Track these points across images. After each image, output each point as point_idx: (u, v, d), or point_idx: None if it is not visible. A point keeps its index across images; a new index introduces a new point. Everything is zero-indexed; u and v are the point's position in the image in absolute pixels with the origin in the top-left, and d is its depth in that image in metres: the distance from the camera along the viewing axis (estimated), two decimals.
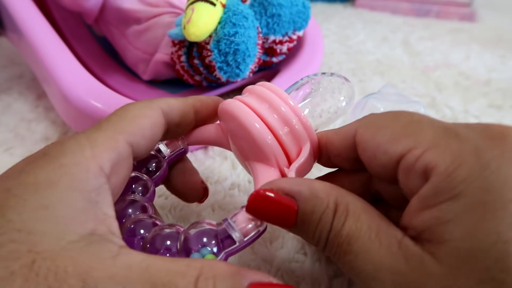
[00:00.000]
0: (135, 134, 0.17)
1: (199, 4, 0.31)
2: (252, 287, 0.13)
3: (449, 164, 0.14)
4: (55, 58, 0.33)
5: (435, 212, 0.14)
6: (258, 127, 0.18)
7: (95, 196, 0.15)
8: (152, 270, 0.13)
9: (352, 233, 0.15)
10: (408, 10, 0.75)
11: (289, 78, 0.39)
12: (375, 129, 0.17)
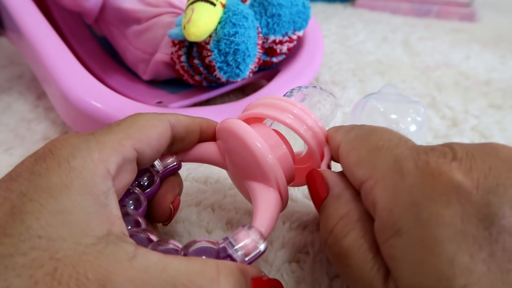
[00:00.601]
0: (142, 141, 0.18)
1: (199, 4, 0.30)
2: (255, 282, 0.15)
3: (388, 200, 0.14)
4: (55, 58, 0.33)
5: (386, 248, 0.14)
6: (260, 146, 0.18)
7: (104, 199, 0.15)
8: (171, 271, 0.13)
9: (352, 246, 0.16)
10: (408, 10, 0.75)
11: (289, 78, 0.39)
12: (349, 148, 0.18)
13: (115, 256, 0.13)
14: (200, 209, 0.26)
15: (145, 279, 0.13)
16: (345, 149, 0.18)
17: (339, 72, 0.49)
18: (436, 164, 0.14)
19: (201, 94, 0.38)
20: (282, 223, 0.25)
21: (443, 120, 0.39)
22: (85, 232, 0.14)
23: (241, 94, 0.42)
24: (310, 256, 0.23)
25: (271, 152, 0.19)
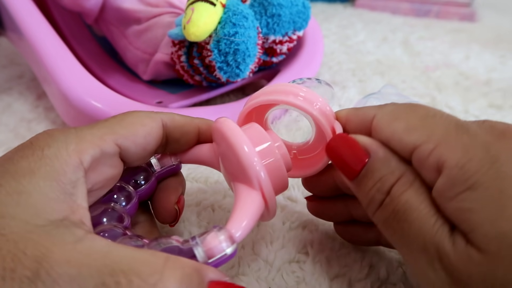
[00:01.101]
0: (127, 138, 0.18)
1: (199, 4, 0.31)
2: (212, 285, 0.14)
3: (460, 158, 0.14)
4: (55, 58, 0.33)
5: (455, 203, 0.14)
6: (247, 150, 0.18)
7: (70, 188, 0.15)
8: (114, 257, 0.13)
9: (412, 202, 0.16)
10: (408, 10, 0.75)
11: (289, 78, 0.39)
12: (392, 117, 0.17)
13: (60, 238, 0.13)
14: (200, 209, 0.26)
15: (83, 262, 0.13)
16: (385, 119, 0.18)
17: (339, 72, 0.49)
18: (504, 125, 0.15)
19: (201, 94, 0.38)
20: (282, 223, 0.25)
21: None
22: (38, 214, 0.14)
23: (241, 94, 0.42)
24: (310, 256, 0.23)
25: (258, 155, 0.18)
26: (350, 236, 0.23)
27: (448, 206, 0.15)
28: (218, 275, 0.14)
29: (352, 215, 0.22)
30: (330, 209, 0.22)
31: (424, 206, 0.15)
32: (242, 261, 0.23)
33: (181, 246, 0.16)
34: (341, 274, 0.22)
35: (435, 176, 0.15)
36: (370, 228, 0.22)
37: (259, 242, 0.24)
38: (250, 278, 0.22)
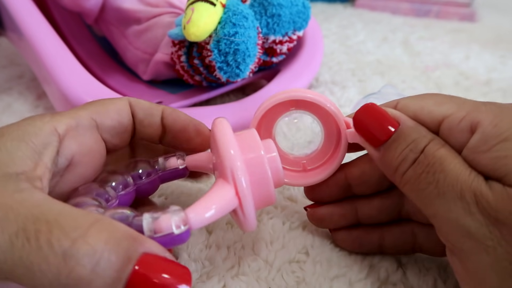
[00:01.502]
0: (100, 112, 0.19)
1: (199, 4, 0.31)
2: (145, 257, 0.13)
3: (492, 119, 0.16)
4: (55, 58, 0.33)
5: (490, 154, 0.16)
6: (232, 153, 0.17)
7: (41, 148, 0.16)
8: (44, 209, 0.13)
9: (446, 156, 0.17)
10: (408, 10, 0.75)
11: (289, 78, 0.39)
12: (418, 98, 0.19)
13: (3, 187, 0.14)
14: None
15: (13, 207, 0.13)
16: (411, 100, 0.19)
17: (339, 72, 0.49)
18: None
19: (201, 94, 0.38)
20: (282, 223, 0.25)
21: None
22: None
23: (241, 94, 0.42)
24: (310, 256, 0.23)
25: (240, 155, 0.17)
26: (352, 242, 0.23)
27: (482, 158, 0.16)
28: (159, 250, 0.14)
29: (358, 216, 0.22)
30: (335, 213, 0.22)
31: (458, 160, 0.17)
32: (242, 261, 0.23)
33: (133, 217, 0.16)
34: (341, 274, 0.22)
35: (467, 138, 0.17)
36: (373, 230, 0.22)
37: (259, 242, 0.24)
38: (250, 278, 0.22)
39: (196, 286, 0.21)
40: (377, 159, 0.19)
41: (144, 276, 0.13)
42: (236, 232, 0.25)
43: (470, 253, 0.15)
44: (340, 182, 0.22)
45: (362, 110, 0.19)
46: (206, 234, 0.24)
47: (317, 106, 0.22)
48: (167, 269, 0.13)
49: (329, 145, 0.23)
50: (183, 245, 0.23)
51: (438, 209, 0.16)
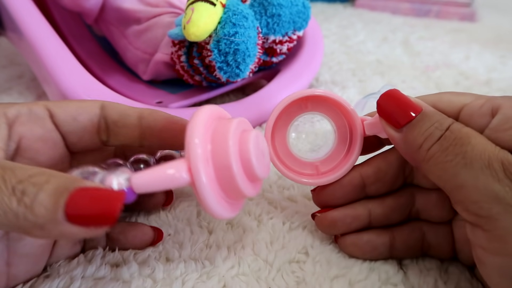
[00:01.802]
0: (57, 105, 0.20)
1: (199, 4, 0.31)
2: (77, 191, 0.15)
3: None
4: (55, 58, 0.33)
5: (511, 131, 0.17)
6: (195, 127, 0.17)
7: None
8: (1, 161, 0.15)
9: (471, 133, 0.18)
10: (408, 10, 0.75)
11: (289, 78, 0.39)
12: (435, 95, 0.20)
13: None
14: (200, 209, 0.26)
15: None
16: (429, 96, 0.20)
17: (339, 72, 0.49)
18: None
19: (201, 94, 0.38)
20: (282, 223, 0.25)
21: None
22: None
23: (241, 94, 0.42)
24: (310, 256, 0.23)
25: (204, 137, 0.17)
26: (363, 245, 0.22)
27: (505, 135, 0.17)
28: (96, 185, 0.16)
29: (371, 218, 0.22)
30: (349, 215, 0.22)
31: (483, 136, 0.18)
32: (242, 261, 0.23)
33: (91, 174, 0.17)
34: (341, 274, 0.22)
35: (488, 121, 0.18)
36: (384, 231, 0.22)
37: (259, 242, 0.24)
38: (250, 278, 0.22)
39: (196, 286, 0.21)
40: (399, 139, 0.19)
41: (80, 199, 0.15)
42: (236, 232, 0.25)
43: (498, 218, 0.16)
44: (355, 181, 0.22)
45: (386, 95, 0.20)
46: (207, 234, 0.24)
47: (330, 106, 0.23)
48: (102, 190, 0.15)
49: (342, 147, 0.24)
50: (183, 245, 0.23)
51: (466, 178, 0.17)
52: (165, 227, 0.25)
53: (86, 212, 0.14)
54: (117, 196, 0.15)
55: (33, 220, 0.14)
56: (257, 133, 0.20)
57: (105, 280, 0.21)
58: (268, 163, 0.21)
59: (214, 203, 0.17)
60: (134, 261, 0.22)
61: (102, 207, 0.15)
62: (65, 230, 0.14)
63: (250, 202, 0.27)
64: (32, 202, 0.14)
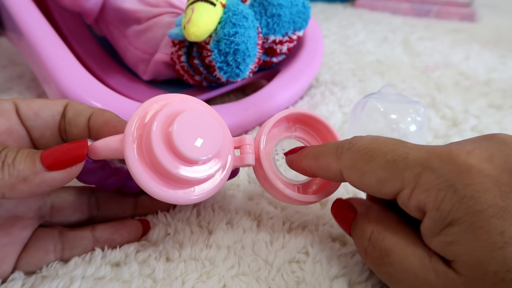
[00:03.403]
0: (24, 101, 0.21)
1: (199, 4, 0.31)
2: (46, 150, 0.18)
3: (434, 200, 0.16)
4: (55, 58, 0.33)
5: (440, 237, 0.16)
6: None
7: None
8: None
9: (391, 246, 0.18)
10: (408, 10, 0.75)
11: (289, 78, 0.39)
12: (359, 173, 0.19)
13: None
14: (200, 209, 0.26)
15: None
16: (354, 175, 0.19)
17: (339, 72, 0.49)
18: (464, 158, 0.16)
19: (201, 94, 0.38)
20: (282, 223, 0.25)
21: (443, 120, 0.39)
22: None
23: (241, 94, 0.42)
24: (310, 256, 0.23)
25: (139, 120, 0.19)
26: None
27: (434, 240, 0.17)
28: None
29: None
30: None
31: (404, 246, 0.18)
32: (242, 261, 0.23)
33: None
34: (341, 274, 0.22)
35: (421, 216, 0.17)
36: None
37: (259, 242, 0.24)
38: (250, 278, 0.22)
39: (196, 286, 0.21)
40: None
41: (51, 152, 0.18)
42: (236, 232, 0.25)
43: None
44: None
45: (333, 204, 0.23)
46: (207, 234, 0.24)
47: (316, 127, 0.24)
48: (66, 143, 0.19)
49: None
50: (183, 245, 0.23)
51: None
52: (165, 227, 0.25)
53: (59, 158, 0.18)
54: (80, 142, 0.19)
55: (16, 174, 0.17)
56: (196, 112, 0.20)
57: (105, 280, 0.21)
58: (217, 143, 0.20)
59: (139, 173, 0.18)
60: (134, 261, 0.22)
61: (71, 150, 0.18)
62: (45, 177, 0.17)
63: (250, 202, 0.27)
64: (13, 160, 0.17)
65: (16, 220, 0.21)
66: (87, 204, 0.24)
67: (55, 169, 0.18)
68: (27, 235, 0.21)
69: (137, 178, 0.18)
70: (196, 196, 0.19)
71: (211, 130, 0.20)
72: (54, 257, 0.22)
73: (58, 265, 0.21)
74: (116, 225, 0.24)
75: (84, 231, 0.23)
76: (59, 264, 0.22)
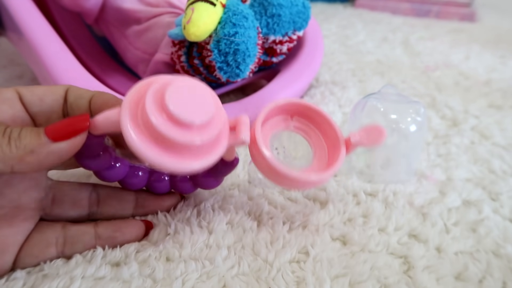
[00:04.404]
0: (27, 88, 0.21)
1: (199, 4, 0.31)
2: (46, 128, 0.18)
3: None
4: (55, 58, 0.33)
5: None
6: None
7: None
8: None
9: None
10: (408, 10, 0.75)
11: (289, 78, 0.39)
12: None
13: None
14: (200, 209, 0.26)
15: None
16: None
17: (339, 72, 0.49)
18: None
19: None
20: (282, 223, 0.25)
21: (443, 120, 0.39)
22: None
23: (241, 94, 0.42)
24: (310, 256, 0.23)
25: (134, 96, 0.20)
26: None
27: None
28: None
29: None
30: None
31: None
32: (242, 261, 0.23)
33: None
34: (341, 274, 0.22)
35: None
36: None
37: (259, 242, 0.24)
38: (250, 278, 0.22)
39: (196, 286, 0.21)
40: None
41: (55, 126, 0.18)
42: (236, 232, 0.25)
43: None
44: None
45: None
46: (207, 234, 0.24)
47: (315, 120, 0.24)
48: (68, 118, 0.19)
49: (319, 164, 0.24)
50: (184, 245, 0.23)
51: None
52: (165, 227, 0.25)
53: (63, 129, 0.18)
54: (82, 114, 0.19)
55: (23, 146, 0.17)
56: (190, 81, 0.21)
57: (105, 280, 0.21)
58: (210, 110, 0.20)
59: (130, 130, 0.18)
60: (134, 261, 0.22)
61: (73, 121, 0.19)
62: (51, 148, 0.18)
63: (250, 202, 0.27)
64: (19, 134, 0.18)
65: (19, 211, 0.21)
66: (87, 199, 0.24)
67: (59, 140, 0.18)
68: (30, 226, 0.21)
69: (130, 141, 0.18)
70: (191, 165, 0.19)
71: (204, 98, 0.21)
72: (55, 251, 0.22)
73: (60, 263, 0.21)
74: (119, 224, 0.24)
75: (86, 226, 0.23)
76: (60, 261, 0.22)
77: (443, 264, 0.23)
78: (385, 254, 0.23)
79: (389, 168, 0.30)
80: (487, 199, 0.28)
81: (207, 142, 0.19)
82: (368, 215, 0.26)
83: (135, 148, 0.18)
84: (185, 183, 0.26)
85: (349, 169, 0.30)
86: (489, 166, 0.32)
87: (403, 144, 0.29)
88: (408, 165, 0.30)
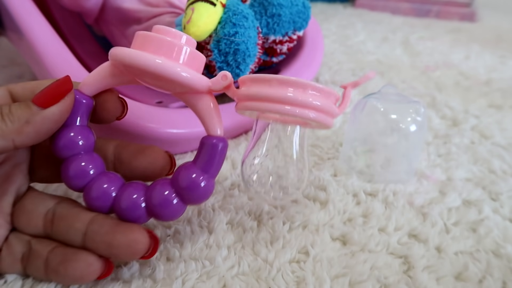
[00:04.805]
0: (18, 85, 0.22)
1: (199, 4, 0.31)
2: (33, 98, 0.19)
3: None
4: (55, 58, 0.33)
5: None
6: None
7: None
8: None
9: None
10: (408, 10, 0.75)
11: None
12: None
13: None
14: (200, 209, 0.26)
15: None
16: None
17: (339, 72, 0.49)
18: None
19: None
20: (282, 223, 0.25)
21: (443, 120, 0.39)
22: None
23: None
24: (310, 256, 0.23)
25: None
26: None
27: None
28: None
29: None
30: None
31: None
32: (242, 261, 0.23)
33: None
34: (341, 274, 0.22)
35: None
36: None
37: (259, 242, 0.24)
38: (250, 278, 0.22)
39: (196, 286, 0.21)
40: None
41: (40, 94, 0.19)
42: (236, 232, 0.25)
43: None
44: None
45: None
46: (207, 234, 0.24)
47: None
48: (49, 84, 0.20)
49: None
50: (183, 245, 0.23)
51: None
52: (165, 227, 0.25)
53: (50, 94, 0.19)
54: (64, 77, 0.20)
55: (17, 119, 0.18)
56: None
57: (105, 280, 0.21)
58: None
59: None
60: (134, 261, 0.22)
61: (58, 84, 0.19)
62: (45, 114, 0.19)
63: (250, 202, 0.27)
64: (10, 109, 0.18)
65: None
66: (43, 217, 0.21)
67: (49, 105, 0.19)
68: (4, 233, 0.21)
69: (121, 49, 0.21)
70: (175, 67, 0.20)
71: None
72: (20, 267, 0.20)
73: None
74: (70, 254, 0.20)
75: (44, 247, 0.20)
76: None
77: (443, 264, 0.23)
78: (385, 254, 0.23)
79: (389, 168, 0.30)
80: (487, 199, 0.28)
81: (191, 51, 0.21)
82: (368, 215, 0.26)
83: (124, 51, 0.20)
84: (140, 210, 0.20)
85: (349, 169, 0.31)
86: (489, 166, 0.32)
87: (403, 144, 0.29)
88: (408, 165, 0.30)
